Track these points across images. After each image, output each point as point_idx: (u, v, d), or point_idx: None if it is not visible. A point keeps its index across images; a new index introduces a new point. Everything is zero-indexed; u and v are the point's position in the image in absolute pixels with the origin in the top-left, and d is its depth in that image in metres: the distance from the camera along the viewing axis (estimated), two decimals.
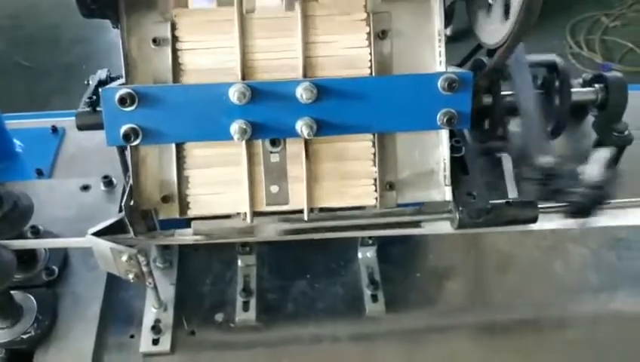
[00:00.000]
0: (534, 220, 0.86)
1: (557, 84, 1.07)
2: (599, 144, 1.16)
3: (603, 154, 0.84)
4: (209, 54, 0.80)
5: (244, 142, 0.79)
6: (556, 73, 1.07)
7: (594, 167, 0.82)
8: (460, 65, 0.98)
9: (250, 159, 0.81)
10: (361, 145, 0.83)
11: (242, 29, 0.79)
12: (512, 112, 1.05)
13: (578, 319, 0.94)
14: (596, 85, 1.14)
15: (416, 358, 0.89)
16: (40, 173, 1.15)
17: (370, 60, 0.81)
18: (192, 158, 0.82)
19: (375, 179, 0.83)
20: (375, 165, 0.83)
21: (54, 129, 1.24)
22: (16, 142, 1.22)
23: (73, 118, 1.19)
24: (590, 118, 1.18)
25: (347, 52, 0.81)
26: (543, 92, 1.07)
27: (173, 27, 0.80)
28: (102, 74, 0.92)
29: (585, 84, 1.16)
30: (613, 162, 1.15)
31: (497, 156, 1.14)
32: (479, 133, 1.13)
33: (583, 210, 0.85)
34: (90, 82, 0.91)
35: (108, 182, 1.08)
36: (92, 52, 3.10)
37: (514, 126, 1.09)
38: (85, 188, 1.08)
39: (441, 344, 0.91)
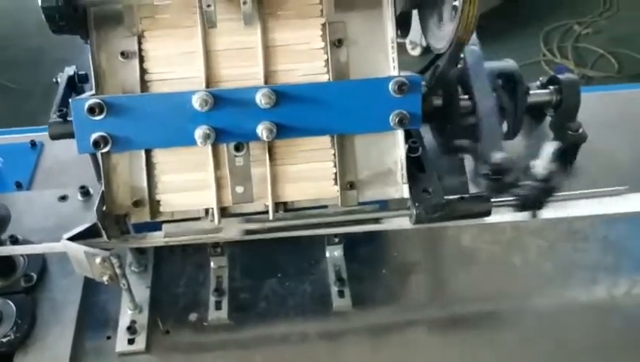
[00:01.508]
0: (487, 214, 0.91)
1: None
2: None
3: (549, 148, 0.89)
4: (175, 65, 0.85)
5: (210, 146, 0.84)
6: (512, 77, 1.14)
7: (541, 161, 0.88)
8: (421, 72, 1.04)
9: (217, 163, 0.85)
10: (322, 147, 0.88)
11: (205, 42, 0.84)
12: (468, 115, 1.11)
13: (536, 310, 0.98)
14: (551, 87, 1.21)
15: (381, 351, 0.93)
16: (19, 186, 1.19)
17: (328, 67, 0.86)
18: (161, 164, 0.86)
19: (336, 179, 0.88)
20: (335, 165, 0.88)
21: (33, 143, 1.28)
22: None
23: None
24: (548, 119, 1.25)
25: (305, 60, 0.86)
26: (500, 95, 1.14)
27: (140, 41, 0.85)
28: (69, 71, 0.96)
29: (541, 86, 1.23)
30: (570, 159, 1.21)
31: (460, 157, 1.20)
32: (441, 135, 1.20)
33: (532, 202, 0.90)
34: (59, 80, 0.95)
35: (85, 192, 1.12)
36: None
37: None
38: (63, 198, 1.12)
39: (405, 337, 0.95)
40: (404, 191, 0.90)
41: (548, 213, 0.92)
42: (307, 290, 1.00)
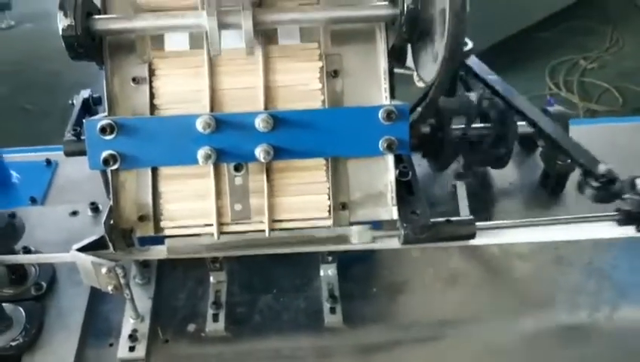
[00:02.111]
0: (472, 236, 0.96)
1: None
2: (545, 172, 1.28)
3: None
4: (182, 91, 0.92)
5: (212, 167, 0.90)
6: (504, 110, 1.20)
7: None
8: (417, 103, 1.11)
9: (217, 182, 0.92)
10: (316, 170, 0.93)
11: (211, 69, 0.91)
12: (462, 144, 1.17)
13: (520, 331, 1.02)
14: None
15: None
16: (34, 201, 1.26)
17: (324, 96, 0.92)
18: (166, 184, 0.93)
19: (329, 200, 0.94)
20: (329, 187, 0.94)
21: (48, 162, 1.35)
22: (13, 173, 1.34)
23: None
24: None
25: (303, 88, 0.93)
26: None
27: (151, 68, 0.92)
28: (84, 94, 1.03)
29: None
30: (558, 188, 1.27)
31: (452, 183, 1.26)
32: (435, 162, 1.26)
33: (636, 216, 0.96)
34: (75, 102, 1.02)
35: (94, 208, 1.18)
36: None
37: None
38: (74, 213, 1.19)
39: (392, 355, 0.99)
40: (394, 213, 0.95)
41: None
42: (301, 306, 1.05)
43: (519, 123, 1.24)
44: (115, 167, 0.88)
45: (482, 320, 1.04)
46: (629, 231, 0.98)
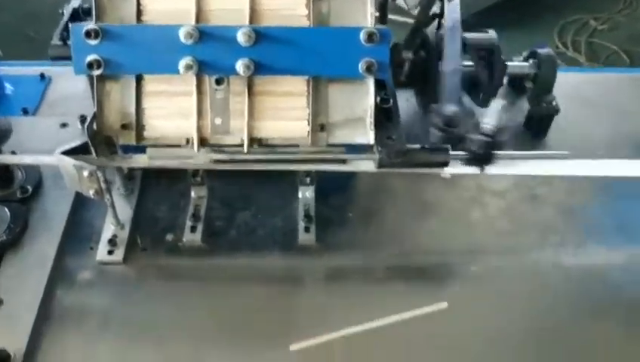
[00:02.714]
0: (445, 164, 0.98)
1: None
2: (530, 114, 1.29)
3: (497, 105, 0.96)
4: (169, 9, 0.92)
5: (194, 79, 0.92)
6: (490, 49, 1.21)
7: (489, 118, 0.94)
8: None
9: (199, 95, 0.93)
10: (297, 89, 0.95)
11: None
12: None
13: (486, 263, 1.05)
14: (530, 60, 1.27)
15: (337, 284, 1.01)
16: (25, 112, 1.28)
17: (309, 21, 0.93)
18: (149, 93, 0.95)
19: (308, 120, 0.96)
20: (309, 107, 0.95)
21: (42, 76, 1.37)
22: (7, 85, 1.36)
23: (60, 68, 1.34)
24: None
25: (289, 13, 0.94)
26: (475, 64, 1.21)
27: None
28: (74, 3, 1.05)
29: (523, 60, 1.30)
30: (544, 129, 1.28)
31: None
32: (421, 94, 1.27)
33: (481, 157, 0.97)
34: (64, 12, 1.03)
35: (83, 120, 1.19)
36: None
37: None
38: (64, 125, 1.21)
39: (363, 279, 1.02)
40: (371, 137, 0.97)
41: (495, 169, 0.98)
42: (277, 224, 1.08)
43: (510, 63, 1.25)
44: (98, 72, 0.90)
45: (452, 251, 1.07)
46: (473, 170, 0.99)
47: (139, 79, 0.94)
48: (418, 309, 0.95)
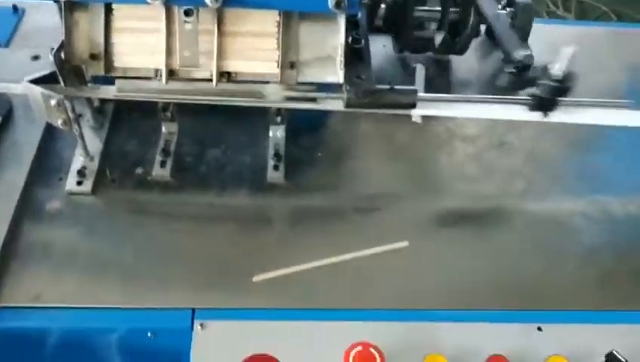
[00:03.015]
0: (413, 106, 0.99)
1: None
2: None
3: (568, 51, 0.96)
4: None
5: (163, 13, 0.92)
6: None
7: (559, 64, 0.95)
8: None
9: (169, 27, 0.93)
10: (268, 25, 0.95)
11: None
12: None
13: (453, 207, 1.07)
14: (507, 8, 1.27)
15: (302, 223, 1.03)
16: None
17: None
18: (118, 29, 0.95)
19: (278, 61, 0.96)
20: (279, 49, 0.95)
21: (15, 8, 1.35)
22: None
23: (33, 0, 1.32)
24: None
25: None
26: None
27: None
28: None
29: (501, 9, 1.29)
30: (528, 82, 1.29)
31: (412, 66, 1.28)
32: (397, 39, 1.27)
33: (547, 103, 0.98)
34: None
35: None
36: None
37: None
38: (36, 57, 1.19)
39: (330, 219, 1.04)
40: (340, 76, 0.98)
41: (558, 116, 1.00)
42: (246, 162, 1.09)
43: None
44: None
45: (418, 194, 1.08)
46: (536, 116, 1.01)
47: (107, 11, 0.94)
48: (379, 246, 0.97)
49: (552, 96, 0.98)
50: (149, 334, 0.87)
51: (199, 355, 0.83)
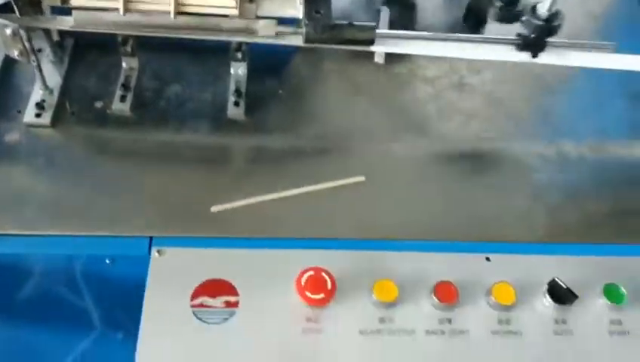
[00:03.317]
0: (371, 42, 1.00)
1: None
2: (469, 7, 1.30)
3: None
4: None
5: None
6: None
7: (546, 2, 0.94)
8: None
9: None
10: None
11: None
12: None
13: (412, 147, 1.09)
14: None
15: (261, 159, 1.04)
16: None
17: None
18: None
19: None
20: None
21: None
22: None
23: None
24: None
25: None
26: None
27: None
28: None
29: None
30: (478, 24, 1.30)
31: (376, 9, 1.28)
32: None
33: (533, 42, 0.98)
34: None
35: None
36: None
37: None
38: None
39: (286, 153, 1.05)
40: (300, 12, 0.98)
41: (548, 57, 1.00)
42: (207, 98, 1.09)
43: None
44: None
45: (376, 131, 1.10)
46: (524, 56, 1.03)
47: None
48: (335, 181, 0.99)
49: (538, 35, 0.98)
50: (107, 261, 0.89)
51: (156, 280, 0.85)
